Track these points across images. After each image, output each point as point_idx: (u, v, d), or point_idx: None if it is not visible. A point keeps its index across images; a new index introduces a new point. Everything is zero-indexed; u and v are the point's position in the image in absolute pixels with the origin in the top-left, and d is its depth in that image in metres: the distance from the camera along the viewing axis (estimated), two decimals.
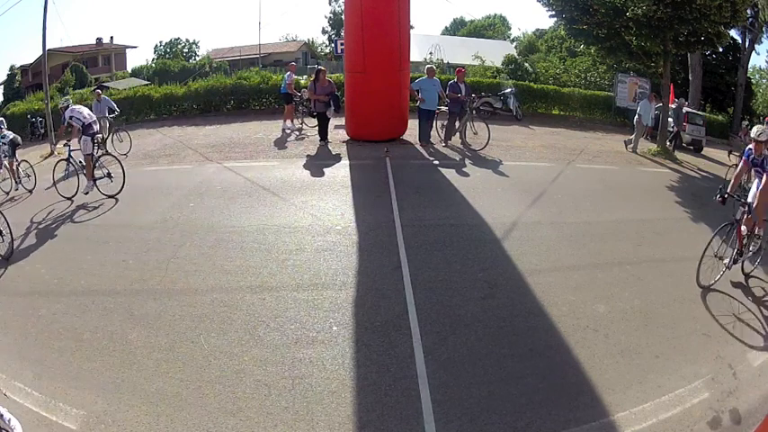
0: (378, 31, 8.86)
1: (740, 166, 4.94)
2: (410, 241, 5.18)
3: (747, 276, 4.83)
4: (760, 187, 4.68)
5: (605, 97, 15.44)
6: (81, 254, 5.19)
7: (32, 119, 14.10)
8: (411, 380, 3.18)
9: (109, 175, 7.04)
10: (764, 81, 19.26)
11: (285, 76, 11.20)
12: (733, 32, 14.55)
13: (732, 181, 4.87)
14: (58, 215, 6.53)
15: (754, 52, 16.58)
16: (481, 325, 3.78)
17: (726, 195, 4.60)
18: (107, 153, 9.91)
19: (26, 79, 21.18)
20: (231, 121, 12.51)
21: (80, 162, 7.00)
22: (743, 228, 4.67)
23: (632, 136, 10.84)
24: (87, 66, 22.10)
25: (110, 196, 6.89)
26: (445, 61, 18.51)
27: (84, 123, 6.75)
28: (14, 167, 7.79)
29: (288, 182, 7.41)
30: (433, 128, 9.77)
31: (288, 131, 10.99)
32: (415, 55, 15.09)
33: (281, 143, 10.04)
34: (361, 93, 9.30)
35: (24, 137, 13.85)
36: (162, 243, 5.35)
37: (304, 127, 11.05)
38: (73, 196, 6.92)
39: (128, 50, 23.69)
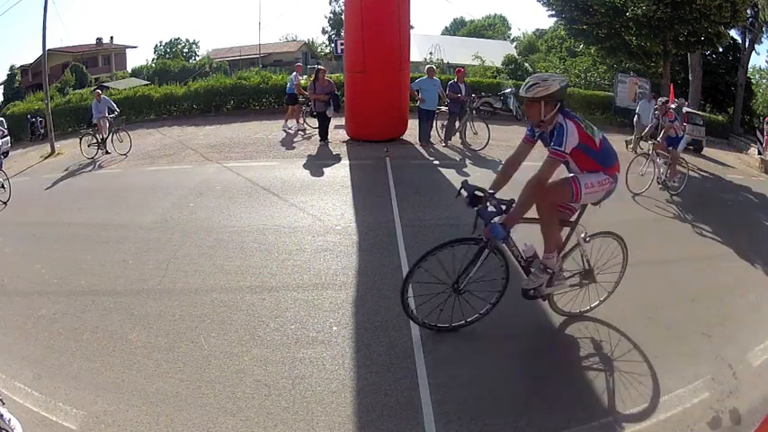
0: (378, 31, 8.88)
1: (519, 145, 3.48)
2: (410, 241, 5.18)
3: (574, 315, 3.82)
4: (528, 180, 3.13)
5: (605, 97, 15.44)
6: (81, 254, 5.19)
7: (32, 119, 14.15)
8: (411, 380, 3.17)
9: (2, 186, 7.89)
10: (764, 81, 19.22)
11: (291, 76, 11.23)
12: (733, 32, 14.56)
13: (501, 170, 3.36)
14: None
15: (754, 52, 16.50)
16: (481, 325, 3.77)
17: (477, 193, 3.10)
18: (107, 152, 10.00)
19: (26, 79, 21.16)
20: (231, 121, 12.53)
21: None
22: (524, 247, 3.38)
23: (633, 136, 10.86)
24: (87, 66, 22.08)
25: (3, 202, 7.65)
26: (445, 61, 18.53)
27: None
28: None
29: (288, 182, 7.41)
30: (433, 128, 9.78)
31: (290, 131, 11.01)
32: (415, 55, 15.10)
33: (281, 143, 10.05)
34: (361, 93, 9.31)
35: (24, 137, 13.96)
36: (162, 243, 5.35)
37: (307, 128, 11.07)
38: None
39: (128, 50, 23.68)
